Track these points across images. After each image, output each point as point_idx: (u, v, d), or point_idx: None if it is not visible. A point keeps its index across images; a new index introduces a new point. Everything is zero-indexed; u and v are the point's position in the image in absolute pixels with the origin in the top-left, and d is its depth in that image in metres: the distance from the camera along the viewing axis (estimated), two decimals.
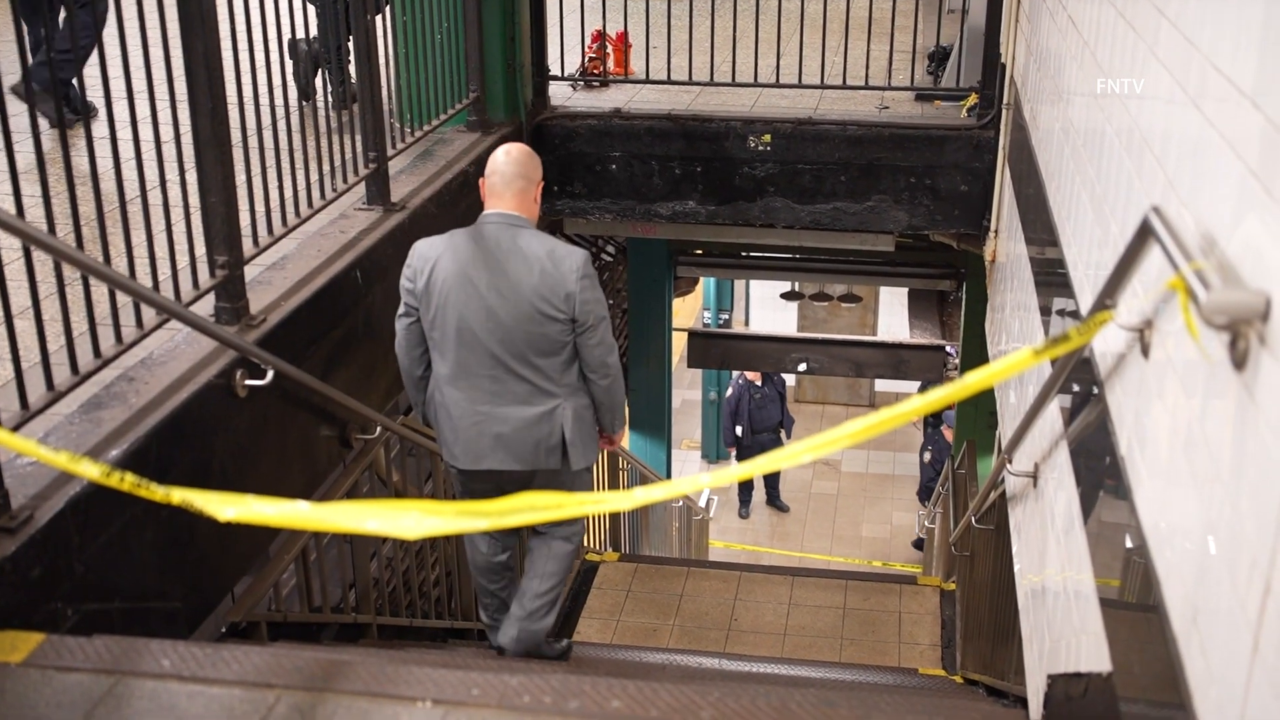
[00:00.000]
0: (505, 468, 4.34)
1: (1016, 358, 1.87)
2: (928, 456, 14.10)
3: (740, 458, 14.57)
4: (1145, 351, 2.26)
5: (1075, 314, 3.31)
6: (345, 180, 4.89)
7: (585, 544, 8.71)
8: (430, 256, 4.21)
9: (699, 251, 11.76)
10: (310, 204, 4.59)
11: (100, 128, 5.69)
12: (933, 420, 14.96)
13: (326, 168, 4.83)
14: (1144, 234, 2.02)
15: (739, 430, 14.49)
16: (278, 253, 4.54)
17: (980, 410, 9.75)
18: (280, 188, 4.35)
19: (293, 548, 4.46)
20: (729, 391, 14.68)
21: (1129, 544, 2.34)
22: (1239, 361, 1.65)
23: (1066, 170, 3.90)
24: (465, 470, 4.41)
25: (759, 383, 14.39)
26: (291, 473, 4.22)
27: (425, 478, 6.65)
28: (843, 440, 1.74)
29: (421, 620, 5.91)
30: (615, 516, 9.57)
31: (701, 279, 14.53)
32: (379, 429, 4.80)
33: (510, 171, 4.25)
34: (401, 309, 4.34)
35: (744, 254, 11.90)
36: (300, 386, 4.10)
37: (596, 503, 1.84)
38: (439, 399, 4.38)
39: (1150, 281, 2.18)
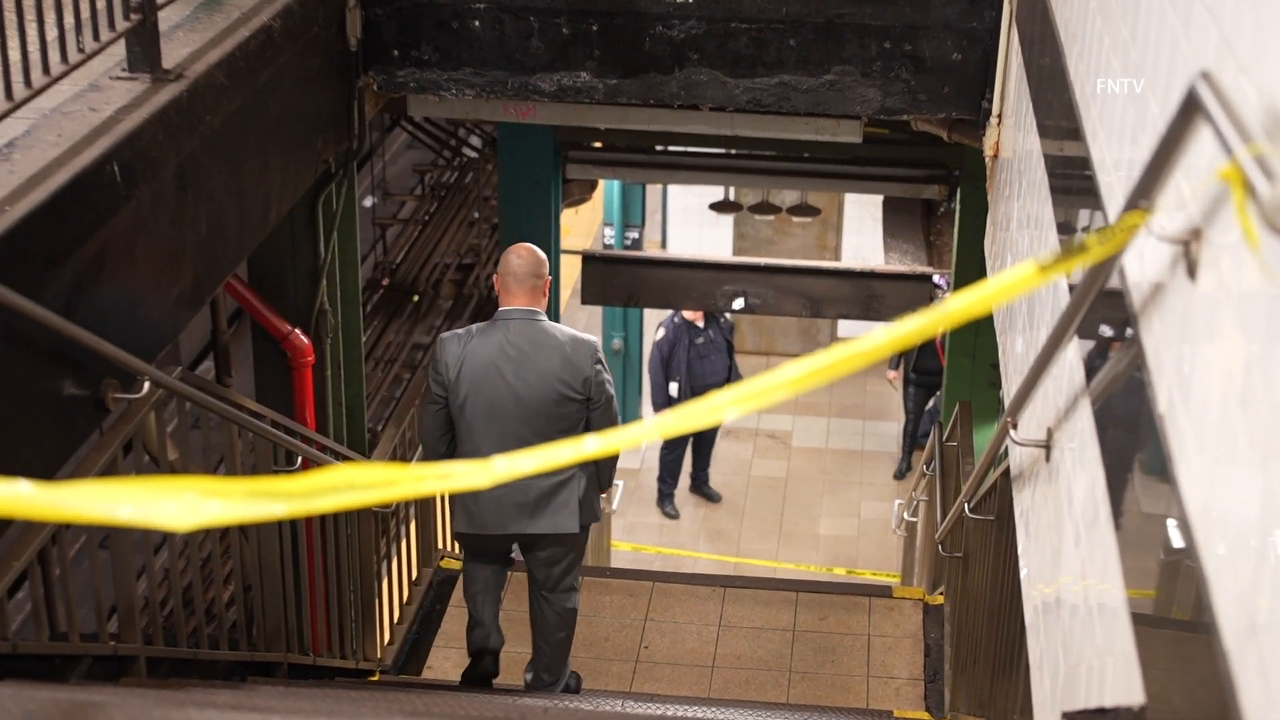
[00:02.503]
0: (528, 532, 6.45)
1: (1017, 275, 1.89)
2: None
3: None
4: (1191, 272, 2.29)
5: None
6: (97, 38, 4.79)
7: (439, 546, 8.73)
8: (458, 352, 6.27)
9: (597, 144, 11.70)
10: (46, 70, 4.49)
11: None
12: (915, 375, 15.12)
13: (69, 20, 4.73)
14: (1189, 110, 2.03)
15: (674, 388, 14.46)
16: (0, 139, 4.44)
17: (978, 362, 9.87)
18: (3, 47, 4.25)
19: (23, 553, 4.41)
20: (659, 334, 14.65)
21: (1170, 536, 2.38)
22: None
23: (1092, 30, 3.93)
24: (487, 535, 6.52)
25: (700, 324, 14.37)
26: (21, 444, 4.16)
27: (217, 461, 6.59)
28: (782, 388, 1.74)
29: (210, 651, 5.88)
30: None
31: (601, 183, 14.49)
32: (147, 385, 4.74)
33: (523, 272, 6.28)
34: (430, 397, 6.38)
35: (658, 148, 11.86)
36: (32, 325, 4.03)
37: (441, 478, 1.83)
38: None
39: (1199, 175, 2.21)
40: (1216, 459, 2.13)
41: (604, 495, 7.15)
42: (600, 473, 6.75)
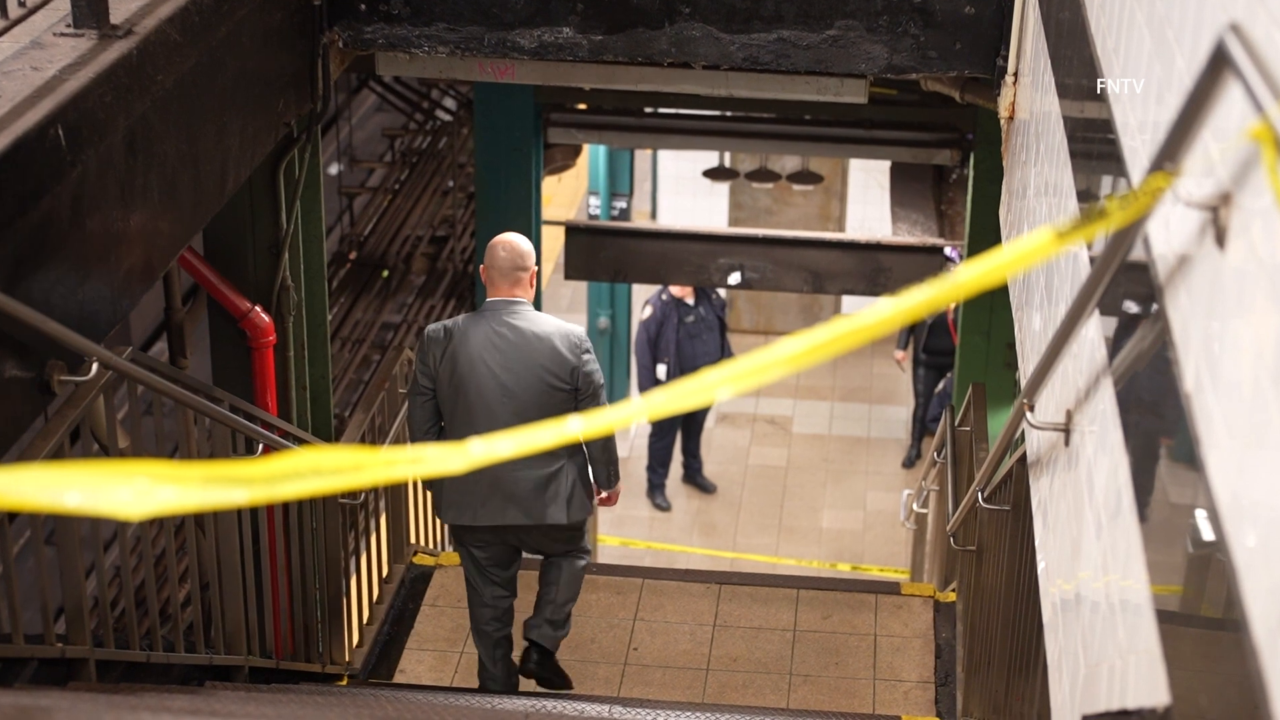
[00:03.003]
0: (517, 523, 6.85)
1: (1033, 243, 1.89)
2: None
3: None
4: (1220, 240, 2.30)
5: None
6: None
7: (412, 540, 8.72)
8: (443, 342, 6.75)
9: (581, 106, 11.69)
10: None
11: None
12: (925, 355, 15.12)
13: None
14: (1218, 66, 2.04)
15: (661, 370, 14.45)
16: None
17: (993, 341, 9.89)
18: None
19: None
20: (646, 312, 14.63)
21: (1198, 526, 2.39)
22: None
23: None
24: (476, 526, 6.92)
25: (690, 301, 14.35)
26: None
27: (172, 448, 6.58)
28: (779, 366, 1.74)
29: (165, 654, 5.88)
30: None
31: (585, 148, 14.48)
32: (95, 366, 4.74)
33: (508, 265, 6.76)
34: (417, 388, 6.87)
35: (647, 110, 11.85)
36: None
37: (413, 462, 1.84)
38: None
39: (1228, 135, 2.21)
40: (1248, 443, 2.13)
41: (599, 495, 7.30)
42: (595, 468, 7.12)
